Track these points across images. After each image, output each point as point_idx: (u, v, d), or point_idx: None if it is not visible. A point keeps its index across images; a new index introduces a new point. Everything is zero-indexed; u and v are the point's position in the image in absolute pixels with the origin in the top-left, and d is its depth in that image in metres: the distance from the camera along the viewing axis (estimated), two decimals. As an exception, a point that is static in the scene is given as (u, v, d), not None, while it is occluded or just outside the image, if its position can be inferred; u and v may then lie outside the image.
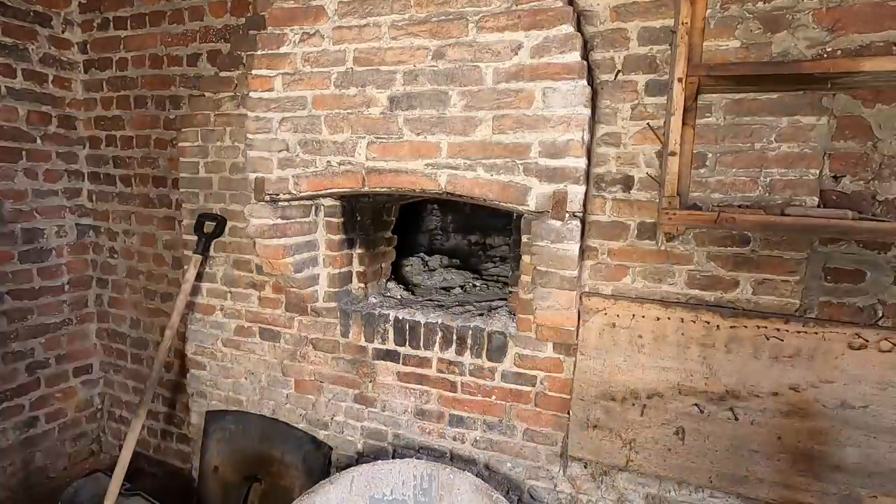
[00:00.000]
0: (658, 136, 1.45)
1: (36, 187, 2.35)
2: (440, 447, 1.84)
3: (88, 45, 2.42)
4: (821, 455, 1.39)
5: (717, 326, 1.43)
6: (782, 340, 1.38)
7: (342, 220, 1.90)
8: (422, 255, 2.61)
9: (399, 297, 2.07)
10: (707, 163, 1.43)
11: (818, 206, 1.33)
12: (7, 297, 2.28)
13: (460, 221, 2.99)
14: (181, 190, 2.11)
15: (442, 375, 1.78)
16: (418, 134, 1.54)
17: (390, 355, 1.85)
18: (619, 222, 1.53)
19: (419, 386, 1.82)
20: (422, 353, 1.79)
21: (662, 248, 1.50)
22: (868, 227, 1.16)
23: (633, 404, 1.54)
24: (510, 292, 1.91)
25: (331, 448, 2.01)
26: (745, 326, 1.41)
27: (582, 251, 1.54)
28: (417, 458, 1.79)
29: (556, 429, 1.67)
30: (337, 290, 1.93)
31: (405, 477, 1.65)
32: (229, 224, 2.05)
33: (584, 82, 1.37)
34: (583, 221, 1.50)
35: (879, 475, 1.34)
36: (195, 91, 2.17)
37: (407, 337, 1.80)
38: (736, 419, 1.45)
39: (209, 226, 2.03)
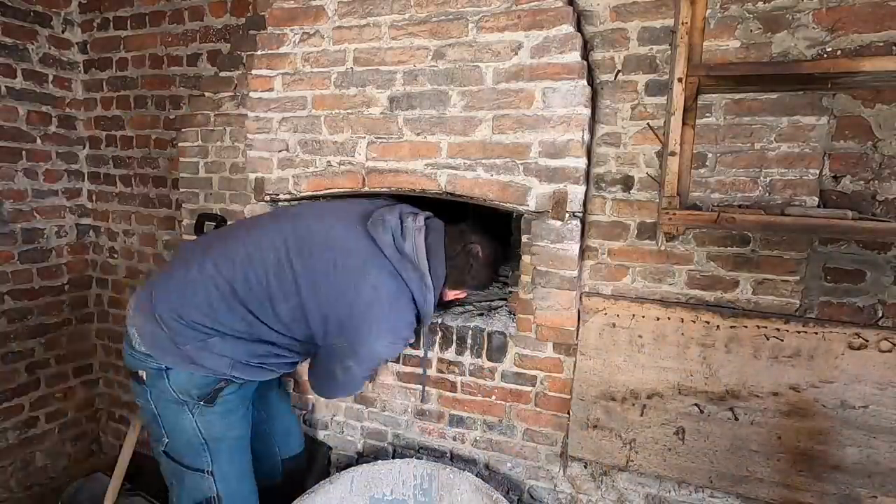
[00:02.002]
0: (658, 136, 1.45)
1: (36, 187, 2.35)
2: (440, 447, 1.84)
3: (88, 45, 2.42)
4: (821, 455, 1.39)
5: (717, 326, 1.43)
6: (782, 340, 1.38)
7: (342, 220, 1.90)
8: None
9: (399, 297, 2.07)
10: (707, 163, 1.43)
11: (818, 206, 1.33)
12: (7, 297, 2.28)
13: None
14: (181, 190, 2.11)
15: (442, 375, 1.78)
16: (418, 134, 1.54)
17: (390, 355, 1.84)
18: (619, 222, 1.53)
19: (419, 386, 1.82)
20: (422, 353, 1.79)
21: (662, 248, 1.50)
22: (868, 227, 1.16)
23: (633, 404, 1.54)
24: (510, 292, 1.91)
25: (331, 448, 2.01)
26: (745, 326, 1.41)
27: (582, 251, 1.54)
28: (417, 458, 1.79)
29: (556, 429, 1.67)
30: (337, 290, 1.93)
31: (405, 477, 1.65)
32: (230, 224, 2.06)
33: (584, 82, 1.37)
34: (583, 221, 1.51)
35: (879, 475, 1.34)
36: (195, 91, 2.17)
37: (407, 337, 1.80)
38: (736, 419, 1.45)
39: (209, 226, 2.03)
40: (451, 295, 1.58)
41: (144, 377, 1.38)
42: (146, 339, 1.35)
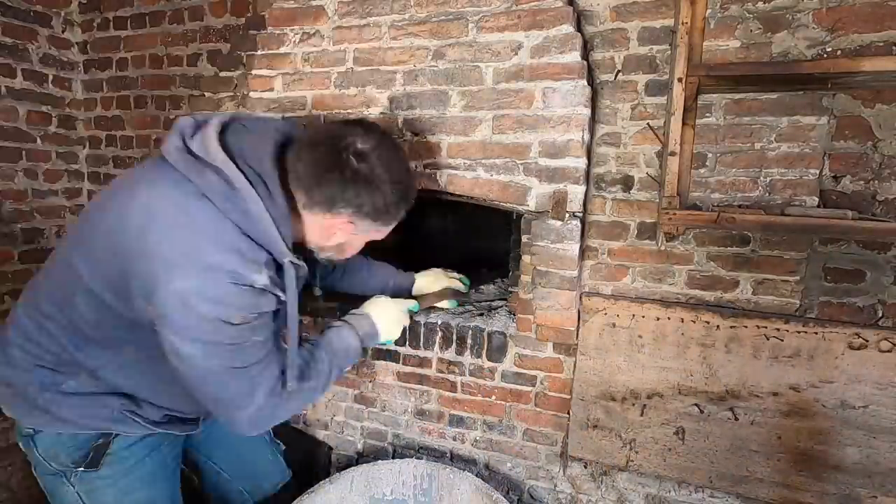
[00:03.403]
0: (658, 136, 1.45)
1: (36, 187, 2.35)
2: (440, 447, 1.84)
3: (88, 45, 2.42)
4: (821, 455, 1.39)
5: (717, 326, 1.43)
6: (782, 340, 1.38)
7: (342, 220, 1.90)
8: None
9: (399, 297, 2.07)
10: (707, 163, 1.43)
11: (818, 206, 1.33)
12: (7, 298, 2.28)
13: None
14: (181, 190, 2.10)
15: (442, 375, 1.78)
16: (418, 134, 1.54)
17: (390, 355, 1.85)
18: (619, 222, 1.53)
19: (419, 386, 1.82)
20: (422, 352, 1.79)
21: (662, 248, 1.50)
22: (868, 227, 1.16)
23: (633, 404, 1.54)
24: (510, 292, 1.91)
25: (331, 448, 2.01)
26: (745, 326, 1.41)
27: (582, 251, 1.54)
28: (417, 458, 1.79)
29: (556, 429, 1.67)
30: (337, 290, 1.93)
31: (405, 477, 1.64)
32: (229, 224, 2.05)
33: (584, 82, 1.37)
34: (583, 221, 1.50)
35: (879, 475, 1.34)
36: (195, 91, 2.17)
37: (407, 336, 1.80)
38: (736, 419, 1.45)
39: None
40: (338, 225, 1.02)
41: (22, 448, 1.12)
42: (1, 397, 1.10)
